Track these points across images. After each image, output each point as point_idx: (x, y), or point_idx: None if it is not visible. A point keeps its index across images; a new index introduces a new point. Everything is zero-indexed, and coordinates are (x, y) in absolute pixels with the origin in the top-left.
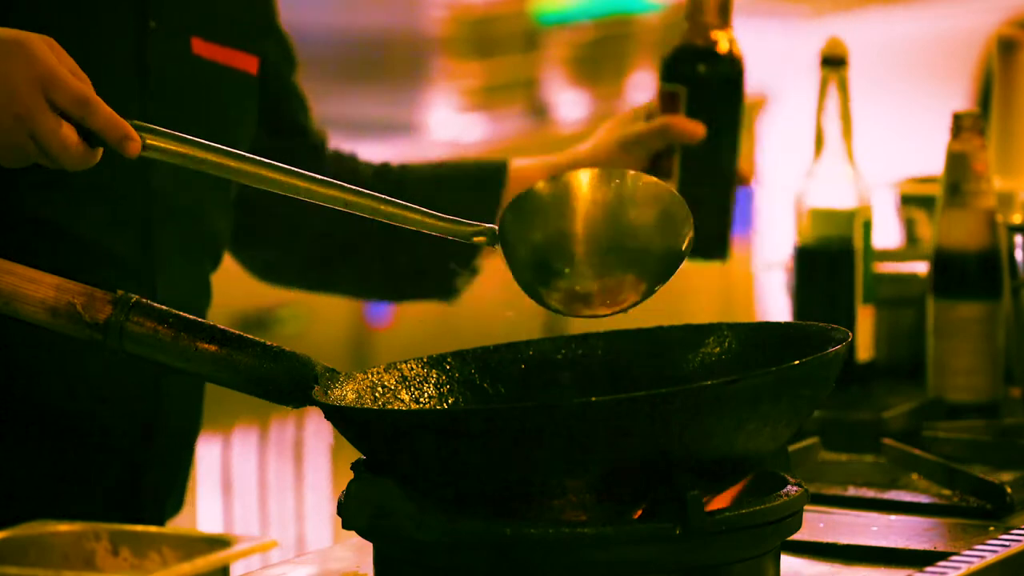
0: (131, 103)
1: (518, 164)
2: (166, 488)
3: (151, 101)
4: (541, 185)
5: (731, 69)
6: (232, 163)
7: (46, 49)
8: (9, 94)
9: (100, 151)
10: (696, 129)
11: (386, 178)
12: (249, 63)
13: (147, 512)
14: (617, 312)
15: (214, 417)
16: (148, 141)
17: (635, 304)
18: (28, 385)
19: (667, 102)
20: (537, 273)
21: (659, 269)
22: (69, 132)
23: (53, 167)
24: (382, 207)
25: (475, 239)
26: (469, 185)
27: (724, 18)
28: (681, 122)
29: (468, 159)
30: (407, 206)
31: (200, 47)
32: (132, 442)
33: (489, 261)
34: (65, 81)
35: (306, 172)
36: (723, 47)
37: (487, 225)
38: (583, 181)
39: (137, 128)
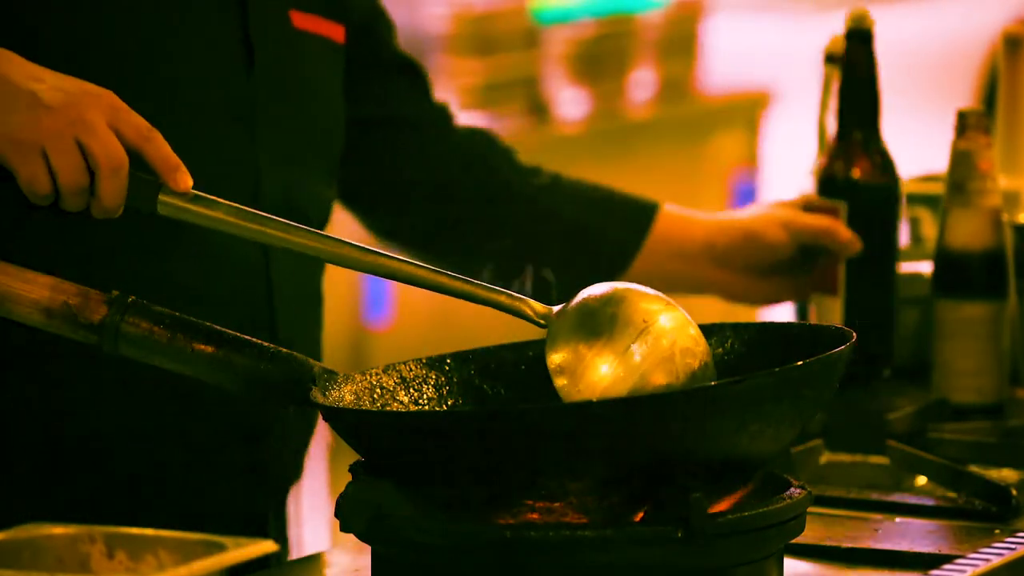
0: (239, 82)
1: (669, 210)
2: None
3: (259, 78)
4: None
5: (890, 180)
6: (260, 228)
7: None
8: (72, 100)
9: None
10: (857, 244)
11: (533, 181)
12: (336, 31)
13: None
14: None
15: None
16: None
17: None
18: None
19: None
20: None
21: None
22: (119, 151)
23: (36, 200)
24: (440, 279)
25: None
26: (619, 215)
27: (876, 127)
28: (845, 232)
29: (619, 191)
30: (469, 281)
31: (298, 19)
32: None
33: None
34: (133, 113)
35: (343, 240)
36: (878, 158)
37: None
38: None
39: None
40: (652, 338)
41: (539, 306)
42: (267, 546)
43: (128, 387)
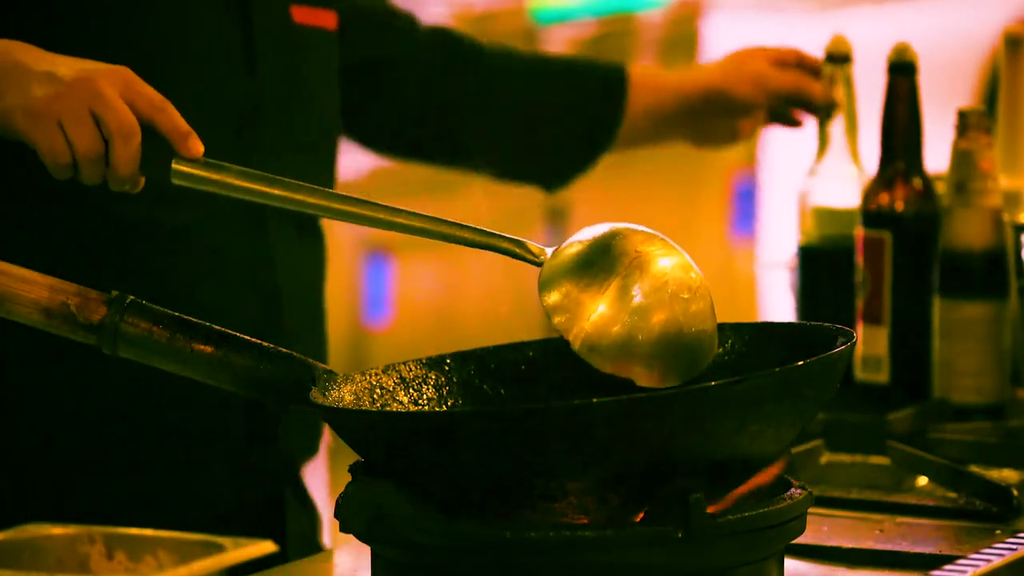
0: (242, 84)
1: (638, 71)
2: None
3: (263, 79)
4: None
5: (933, 209)
6: (269, 189)
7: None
8: (86, 75)
9: (134, 182)
10: (832, 104)
11: (506, 72)
12: (329, 19)
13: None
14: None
15: None
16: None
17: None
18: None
19: (871, 247)
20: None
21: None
22: (130, 119)
23: (57, 171)
24: (450, 231)
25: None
26: (594, 90)
27: (919, 157)
28: (818, 88)
29: (577, 58)
30: (476, 229)
31: (298, 14)
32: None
33: (489, 263)
34: (145, 86)
35: (350, 196)
36: (921, 188)
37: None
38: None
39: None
40: (646, 273)
41: (535, 247)
42: (266, 547)
43: (129, 387)
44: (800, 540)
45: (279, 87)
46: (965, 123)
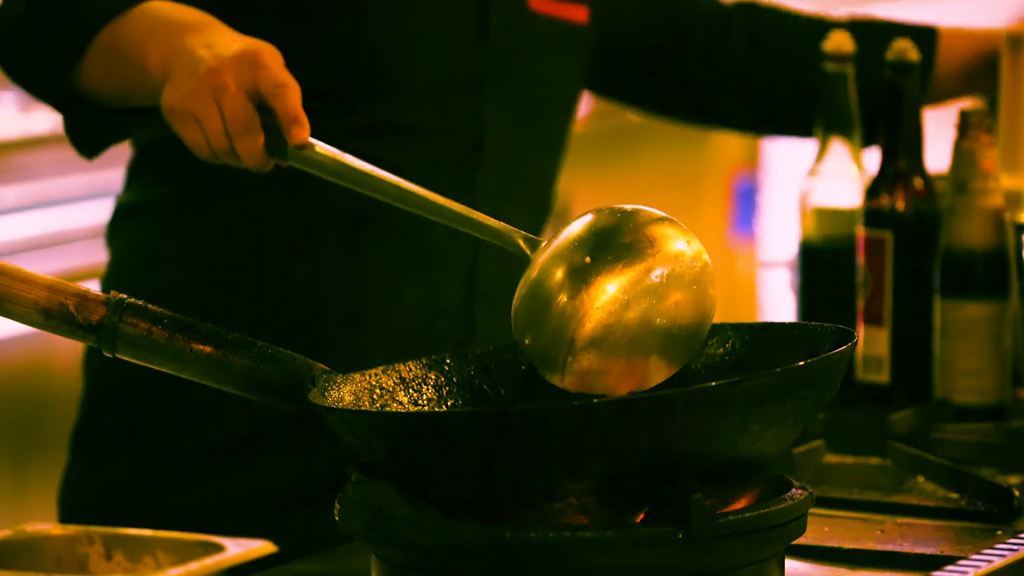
0: (470, 51)
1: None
2: None
3: (491, 52)
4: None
5: (934, 209)
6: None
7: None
8: (216, 66)
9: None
10: None
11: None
12: (579, 12)
13: None
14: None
15: None
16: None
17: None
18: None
19: (872, 247)
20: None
21: (685, 348)
22: (244, 112)
23: (203, 157)
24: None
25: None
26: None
27: (920, 158)
28: None
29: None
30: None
31: (536, 2)
32: None
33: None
34: (270, 68)
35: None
36: (922, 188)
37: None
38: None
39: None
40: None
41: (525, 240)
42: (265, 547)
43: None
44: (801, 541)
45: (505, 65)
46: (966, 122)
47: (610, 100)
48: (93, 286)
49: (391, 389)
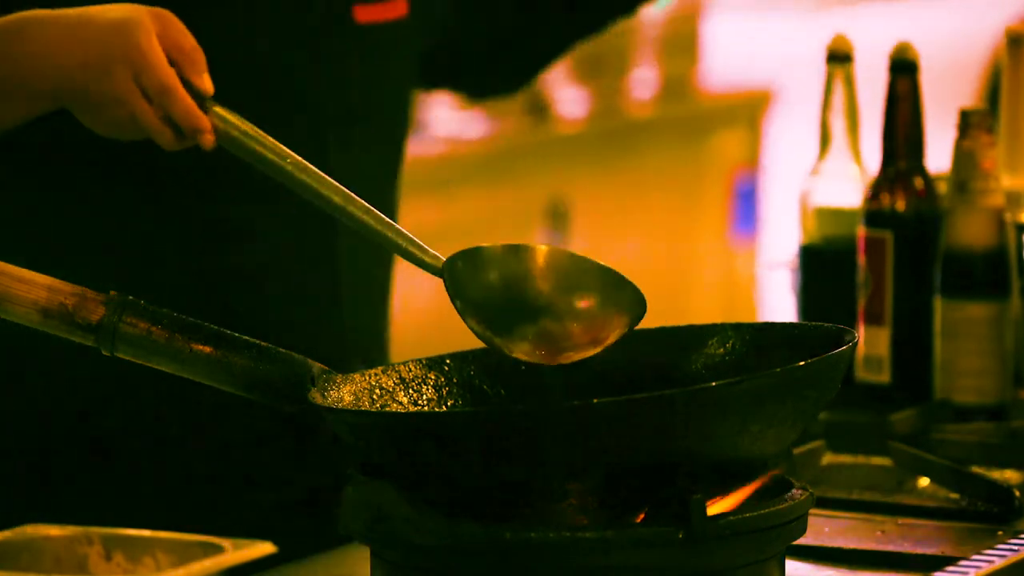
0: (303, 74)
1: None
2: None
3: (323, 71)
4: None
5: (934, 209)
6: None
7: (148, 29)
8: (107, 77)
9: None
10: None
11: None
12: (398, 8)
13: None
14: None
15: None
16: (223, 131)
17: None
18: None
19: (873, 247)
20: (491, 322)
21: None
22: (163, 122)
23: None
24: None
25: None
26: None
27: (920, 157)
28: None
29: None
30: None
31: (361, 13)
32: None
33: None
34: (152, 67)
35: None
36: (923, 188)
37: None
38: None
39: (217, 117)
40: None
41: (432, 254)
42: (265, 548)
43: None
44: (801, 541)
45: (339, 82)
46: (967, 122)
47: (439, 88)
48: None
49: (391, 389)
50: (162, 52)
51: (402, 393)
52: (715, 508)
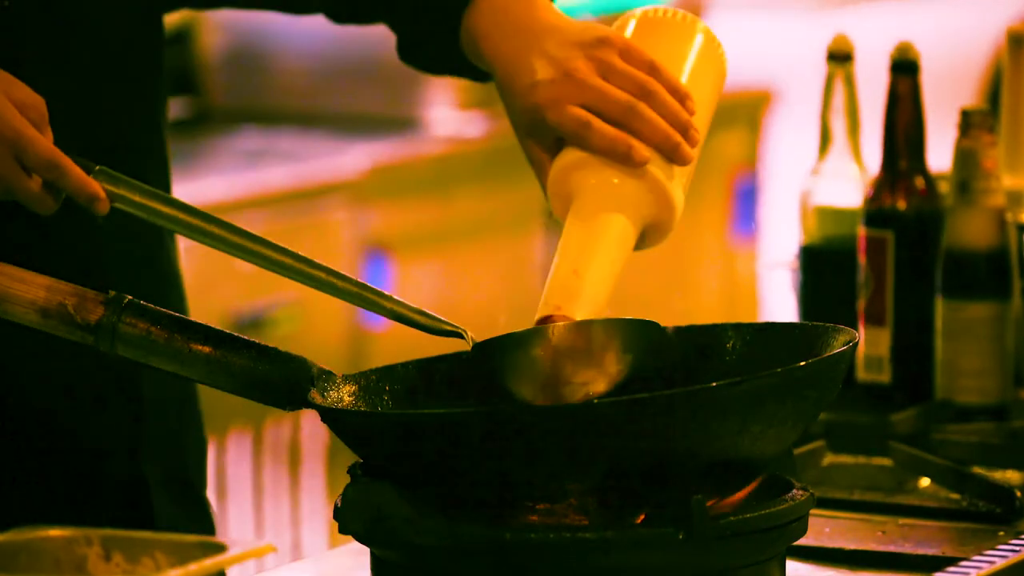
0: None
1: None
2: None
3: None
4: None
5: (935, 209)
6: (200, 223)
7: (9, 106)
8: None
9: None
10: None
11: None
12: None
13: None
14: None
15: (207, 420)
16: (114, 192)
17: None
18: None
19: (874, 247)
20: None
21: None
22: (45, 191)
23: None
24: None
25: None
26: None
27: (922, 157)
28: None
29: None
30: (397, 301)
31: None
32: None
33: (489, 264)
34: (33, 144)
35: (281, 247)
36: (924, 188)
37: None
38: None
39: (104, 177)
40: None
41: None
42: (265, 547)
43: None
44: (802, 542)
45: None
46: (968, 122)
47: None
48: None
49: (390, 389)
50: (28, 122)
51: (401, 394)
52: (716, 509)
